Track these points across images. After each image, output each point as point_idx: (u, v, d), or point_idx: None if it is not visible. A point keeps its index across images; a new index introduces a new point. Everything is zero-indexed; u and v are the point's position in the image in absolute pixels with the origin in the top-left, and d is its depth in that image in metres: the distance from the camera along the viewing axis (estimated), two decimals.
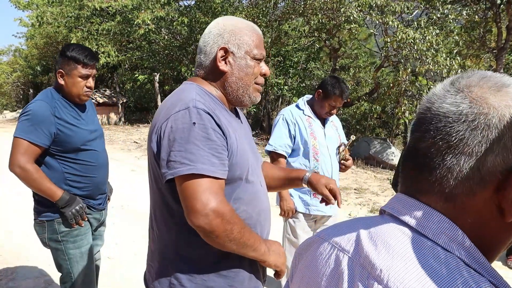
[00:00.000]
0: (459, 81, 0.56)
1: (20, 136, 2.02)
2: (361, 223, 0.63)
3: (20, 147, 2.02)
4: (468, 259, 0.52)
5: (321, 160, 2.74)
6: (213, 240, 1.18)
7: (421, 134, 0.56)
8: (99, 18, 15.42)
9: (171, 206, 1.26)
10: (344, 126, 14.61)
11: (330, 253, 0.62)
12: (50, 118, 2.06)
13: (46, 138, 2.05)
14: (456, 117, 0.53)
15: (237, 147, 1.26)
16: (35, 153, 2.04)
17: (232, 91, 1.34)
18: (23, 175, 2.03)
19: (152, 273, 1.32)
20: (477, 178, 0.52)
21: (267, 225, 1.41)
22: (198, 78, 1.37)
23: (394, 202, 0.60)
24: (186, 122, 1.17)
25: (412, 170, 0.58)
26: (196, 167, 1.14)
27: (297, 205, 2.78)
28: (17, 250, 4.09)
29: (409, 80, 9.59)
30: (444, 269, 0.49)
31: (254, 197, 1.33)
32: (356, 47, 16.27)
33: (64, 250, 2.16)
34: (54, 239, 2.16)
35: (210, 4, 13.59)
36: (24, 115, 2.07)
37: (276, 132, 2.80)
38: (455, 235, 0.53)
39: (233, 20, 1.36)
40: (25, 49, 25.94)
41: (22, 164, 2.01)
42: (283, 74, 16.66)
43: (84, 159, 2.17)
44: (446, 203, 0.54)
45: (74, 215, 2.11)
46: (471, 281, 0.48)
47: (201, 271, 1.26)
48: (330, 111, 2.78)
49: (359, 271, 0.56)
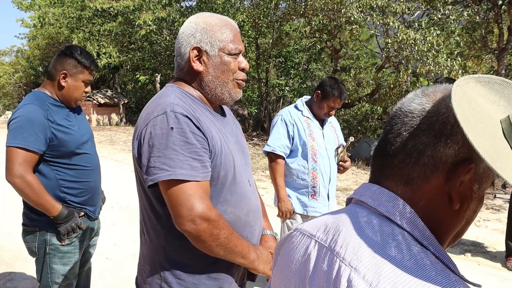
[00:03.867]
0: (428, 89, 0.65)
1: (15, 145, 1.87)
2: (330, 213, 0.71)
3: (17, 157, 1.87)
4: (417, 234, 0.58)
5: (320, 161, 2.73)
6: (201, 245, 1.19)
7: (391, 127, 0.65)
8: (100, 19, 15.46)
9: (157, 210, 1.26)
10: (345, 127, 14.59)
11: (301, 240, 0.70)
12: (44, 122, 1.94)
13: (41, 143, 1.92)
14: (420, 114, 0.61)
15: (221, 148, 1.25)
16: (33, 161, 1.92)
17: (210, 90, 1.31)
18: (22, 186, 1.87)
19: (144, 277, 1.32)
20: (431, 165, 0.59)
21: (258, 225, 1.40)
22: (178, 81, 1.35)
23: (359, 189, 0.68)
24: (164, 128, 1.16)
25: (379, 158, 0.66)
26: (175, 173, 1.14)
27: (295, 206, 2.77)
28: (16, 250, 4.09)
29: (410, 81, 9.57)
30: (391, 240, 0.57)
31: (242, 198, 1.32)
32: (358, 48, 16.25)
33: (48, 264, 2.04)
34: (42, 249, 2.04)
35: (211, 5, 13.61)
36: (15, 121, 1.92)
37: (275, 132, 2.79)
38: (406, 212, 0.60)
39: (205, 17, 1.32)
40: (27, 49, 26.06)
41: (22, 174, 1.87)
42: (285, 75, 16.67)
43: (78, 163, 2.08)
44: (405, 186, 0.62)
45: (68, 231, 2.00)
46: (404, 244, 0.56)
47: (191, 274, 1.25)
48: (328, 112, 2.77)
49: (323, 251, 0.63)
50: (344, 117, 14.95)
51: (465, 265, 3.94)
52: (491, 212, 5.61)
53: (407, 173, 0.61)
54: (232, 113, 1.58)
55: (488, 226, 5.11)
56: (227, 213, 1.26)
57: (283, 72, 16.64)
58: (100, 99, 18.05)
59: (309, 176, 2.74)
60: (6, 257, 3.95)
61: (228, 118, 1.45)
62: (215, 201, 1.24)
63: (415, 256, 0.54)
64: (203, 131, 1.20)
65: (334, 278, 0.58)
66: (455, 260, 4.00)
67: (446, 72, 8.13)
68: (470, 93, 0.59)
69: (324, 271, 0.61)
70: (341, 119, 14.54)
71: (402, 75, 9.51)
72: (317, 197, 2.76)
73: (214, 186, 1.24)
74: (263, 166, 8.80)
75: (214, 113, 1.35)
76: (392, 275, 0.53)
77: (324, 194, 2.78)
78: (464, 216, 0.63)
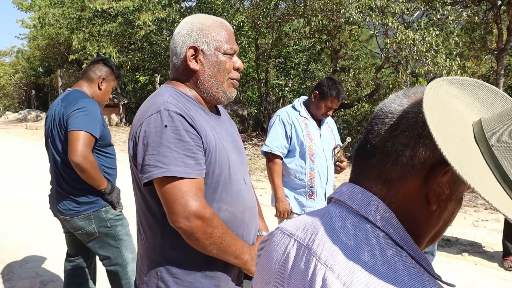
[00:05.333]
0: (409, 90, 0.65)
1: (84, 130, 2.21)
2: (311, 212, 0.71)
3: (84, 139, 2.20)
4: (392, 232, 0.58)
5: (317, 161, 2.74)
6: (194, 242, 1.20)
7: (371, 127, 0.64)
8: (100, 20, 15.46)
9: (153, 209, 1.26)
10: (345, 127, 14.58)
11: (281, 238, 0.70)
12: (100, 115, 2.34)
13: (99, 132, 2.29)
14: (400, 114, 0.61)
15: (215, 145, 1.26)
16: (93, 144, 2.27)
17: (206, 89, 1.33)
18: (85, 164, 2.18)
19: (142, 276, 1.33)
20: (409, 166, 0.59)
21: (254, 223, 1.41)
22: (173, 81, 1.37)
23: (338, 188, 0.69)
24: (158, 126, 1.18)
25: (360, 158, 0.66)
26: (169, 170, 1.15)
27: (292, 206, 2.78)
28: (14, 251, 4.10)
29: (409, 81, 9.57)
30: (365, 245, 0.57)
31: (237, 196, 1.32)
32: (357, 49, 16.26)
33: (114, 234, 2.42)
34: (103, 226, 2.37)
35: (211, 5, 13.62)
36: (81, 110, 2.25)
37: (272, 133, 2.80)
38: (381, 211, 0.60)
39: (201, 18, 1.35)
40: (27, 50, 26.06)
41: (86, 154, 2.19)
42: (284, 75, 16.67)
43: (112, 153, 2.47)
44: (383, 186, 0.62)
45: (117, 199, 2.41)
46: (377, 248, 0.56)
47: (187, 273, 1.26)
48: (326, 113, 2.78)
49: (301, 249, 0.63)
50: (343, 118, 14.95)
51: (463, 265, 3.94)
52: (490, 212, 5.61)
53: (385, 173, 0.61)
54: (228, 113, 1.59)
55: (486, 226, 5.10)
56: (222, 211, 1.27)
57: (283, 73, 16.65)
58: None
59: (306, 176, 2.74)
60: (5, 257, 3.96)
61: (223, 118, 1.46)
62: (210, 199, 1.25)
63: (388, 261, 0.54)
64: (197, 129, 1.21)
65: (310, 276, 0.58)
66: (452, 260, 4.00)
67: (445, 72, 8.12)
68: (443, 95, 0.59)
69: (301, 269, 0.61)
70: (340, 120, 14.54)
71: (401, 76, 9.51)
72: (315, 197, 2.77)
73: (209, 184, 1.24)
74: (262, 166, 8.80)
75: (208, 112, 1.36)
76: (366, 276, 0.53)
77: (321, 194, 2.78)
78: (442, 217, 0.62)
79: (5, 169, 8.29)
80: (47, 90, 25.41)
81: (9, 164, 8.87)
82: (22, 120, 20.64)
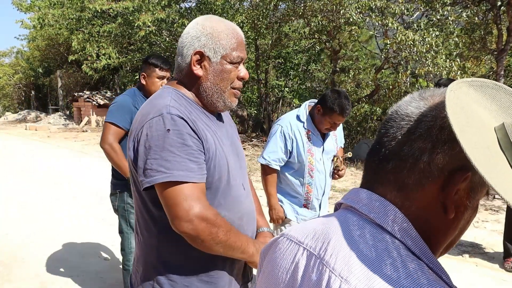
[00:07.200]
0: (426, 92, 0.62)
1: (108, 121, 2.60)
2: (319, 219, 0.68)
3: (109, 129, 2.57)
4: (410, 243, 0.56)
5: (316, 176, 2.66)
6: (200, 245, 1.18)
7: (386, 131, 0.62)
8: (100, 20, 15.45)
9: (152, 212, 1.26)
10: (344, 128, 14.51)
11: (288, 246, 0.67)
12: (130, 108, 2.61)
13: (127, 123, 2.57)
14: (417, 117, 0.59)
15: (215, 151, 1.25)
16: (120, 134, 2.59)
17: (207, 96, 1.31)
18: (109, 151, 2.53)
19: (138, 278, 1.33)
20: (427, 172, 0.57)
21: (251, 228, 1.41)
22: (175, 82, 1.35)
23: (349, 194, 0.66)
24: (160, 129, 1.16)
25: (373, 162, 0.63)
26: (173, 175, 1.14)
27: (287, 212, 2.73)
28: (14, 251, 4.09)
29: (409, 82, 9.57)
30: (387, 257, 0.54)
31: (235, 201, 1.32)
32: (357, 49, 16.25)
33: (127, 220, 2.70)
34: (122, 208, 2.71)
35: (211, 6, 13.61)
36: (112, 105, 2.67)
37: (272, 144, 2.67)
38: (398, 220, 0.57)
39: (213, 21, 1.31)
40: (27, 51, 26.04)
41: (110, 142, 2.54)
42: (284, 76, 16.67)
43: None
44: (398, 193, 0.59)
45: None
46: (399, 261, 0.53)
47: (182, 276, 1.25)
48: (330, 128, 2.60)
49: (312, 259, 0.60)
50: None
51: (463, 266, 3.94)
52: (490, 213, 5.60)
53: (401, 179, 0.59)
54: (229, 114, 1.57)
55: (486, 227, 5.10)
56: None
57: (283, 73, 16.63)
58: (99, 100, 18.05)
59: (303, 189, 2.68)
60: (4, 258, 3.95)
61: (223, 120, 1.44)
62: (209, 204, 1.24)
63: (411, 275, 0.52)
64: (198, 134, 1.20)
65: None
66: (453, 261, 4.00)
67: (445, 73, 8.13)
68: (463, 98, 0.56)
69: (313, 281, 0.58)
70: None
71: (401, 76, 9.51)
72: (309, 207, 2.74)
73: (209, 189, 1.24)
74: None
75: (209, 115, 1.34)
76: None
77: (316, 205, 2.74)
78: (458, 225, 0.60)
79: (5, 170, 8.28)
80: (46, 90, 25.38)
81: (9, 165, 8.87)
82: (21, 121, 20.64)
